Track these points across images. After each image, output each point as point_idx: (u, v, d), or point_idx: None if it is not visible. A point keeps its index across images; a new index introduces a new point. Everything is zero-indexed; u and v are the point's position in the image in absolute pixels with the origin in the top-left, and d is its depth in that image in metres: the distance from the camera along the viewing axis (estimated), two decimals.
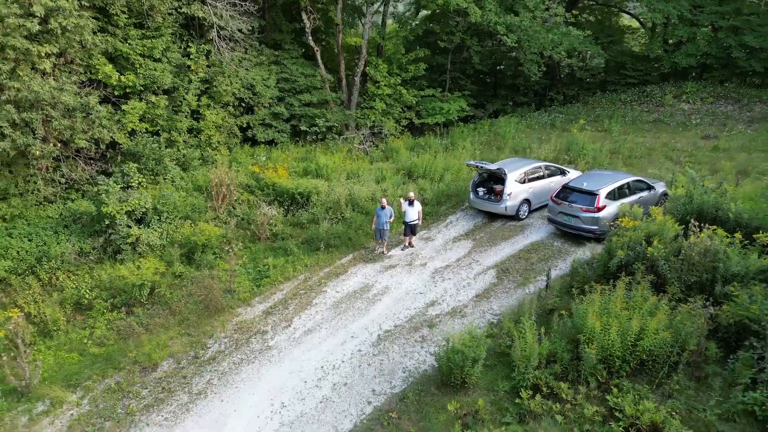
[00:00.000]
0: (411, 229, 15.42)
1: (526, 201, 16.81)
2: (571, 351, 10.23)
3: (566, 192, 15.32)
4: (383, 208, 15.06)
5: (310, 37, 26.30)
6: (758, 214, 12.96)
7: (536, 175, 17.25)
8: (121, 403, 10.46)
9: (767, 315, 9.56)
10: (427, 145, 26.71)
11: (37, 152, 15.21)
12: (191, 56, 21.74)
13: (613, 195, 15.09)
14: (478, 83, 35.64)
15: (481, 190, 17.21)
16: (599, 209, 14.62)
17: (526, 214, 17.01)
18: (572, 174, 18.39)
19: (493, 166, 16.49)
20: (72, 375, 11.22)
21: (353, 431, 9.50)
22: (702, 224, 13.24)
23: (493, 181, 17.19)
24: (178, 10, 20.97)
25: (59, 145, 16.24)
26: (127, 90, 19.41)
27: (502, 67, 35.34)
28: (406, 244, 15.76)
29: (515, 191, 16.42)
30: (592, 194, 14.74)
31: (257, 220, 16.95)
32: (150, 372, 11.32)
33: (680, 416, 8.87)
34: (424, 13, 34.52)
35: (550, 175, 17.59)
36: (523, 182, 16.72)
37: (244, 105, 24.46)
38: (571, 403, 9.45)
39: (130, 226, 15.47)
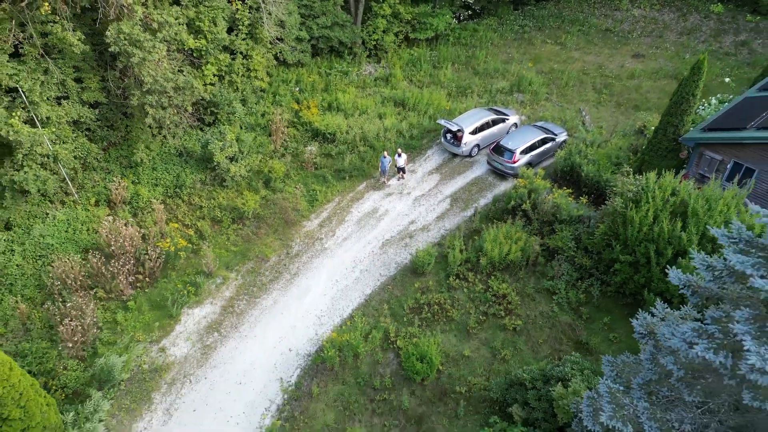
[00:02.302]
0: (401, 170, 25.09)
1: (477, 145, 26.18)
2: (476, 257, 20.96)
3: (498, 148, 24.74)
4: (385, 157, 24.57)
5: None
6: (600, 174, 22.67)
7: (485, 126, 26.25)
8: (257, 279, 21.48)
9: (567, 245, 20.13)
10: (419, 61, 34.49)
11: (168, 121, 24.15)
12: (238, 11, 28.74)
13: (527, 150, 24.54)
14: None
15: (448, 136, 26.40)
16: (515, 161, 24.21)
17: (476, 153, 26.49)
18: (512, 119, 27.34)
19: (454, 127, 25.48)
20: (227, 263, 22.08)
21: (371, 294, 20.62)
22: (571, 177, 23.13)
23: (457, 130, 26.27)
24: None
25: (176, 111, 25.01)
26: (201, 52, 27.17)
27: None
28: (400, 176, 25.53)
29: (469, 140, 25.70)
30: (512, 151, 24.20)
31: (304, 155, 26.47)
32: (266, 262, 22.18)
33: (517, 290, 19.94)
34: None
35: (494, 124, 26.58)
36: (475, 133, 25.87)
37: (278, 39, 31.78)
38: (472, 283, 20.44)
39: (227, 163, 25.09)
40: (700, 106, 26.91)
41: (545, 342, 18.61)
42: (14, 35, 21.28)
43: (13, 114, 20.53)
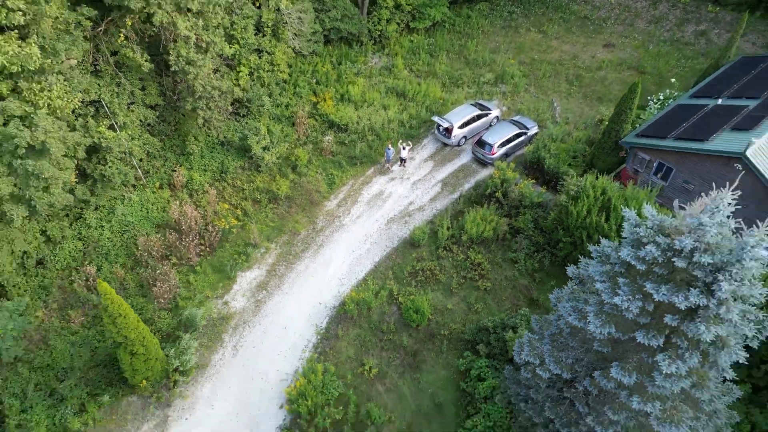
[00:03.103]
0: (403, 159, 31.09)
1: (464, 137, 32.06)
2: (459, 233, 27.45)
3: (480, 142, 30.67)
4: (389, 148, 30.53)
5: None
6: (559, 166, 28.75)
7: (471, 120, 31.98)
8: (292, 249, 28.05)
9: (527, 226, 26.58)
10: (418, 50, 39.56)
11: (215, 121, 29.91)
12: (262, 15, 33.68)
13: (503, 144, 30.49)
14: None
15: (441, 128, 32.20)
16: (493, 153, 30.22)
17: (464, 142, 32.40)
18: (494, 112, 33.02)
19: (446, 123, 31.23)
20: (268, 236, 28.58)
21: (379, 262, 27.27)
22: (537, 167, 29.23)
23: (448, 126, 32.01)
24: None
25: (219, 111, 30.69)
26: (235, 55, 32.42)
27: None
28: (401, 163, 31.53)
29: (458, 133, 31.57)
30: (491, 145, 30.16)
31: (323, 143, 32.37)
32: (297, 235, 28.68)
33: (489, 260, 26.59)
34: None
35: (479, 118, 32.30)
36: (462, 127, 31.68)
37: (295, 35, 36.77)
38: (455, 254, 27.06)
39: (262, 152, 31.07)
40: (650, 102, 32.55)
41: (507, 299, 25.46)
42: (93, 56, 26.78)
43: (100, 123, 26.38)
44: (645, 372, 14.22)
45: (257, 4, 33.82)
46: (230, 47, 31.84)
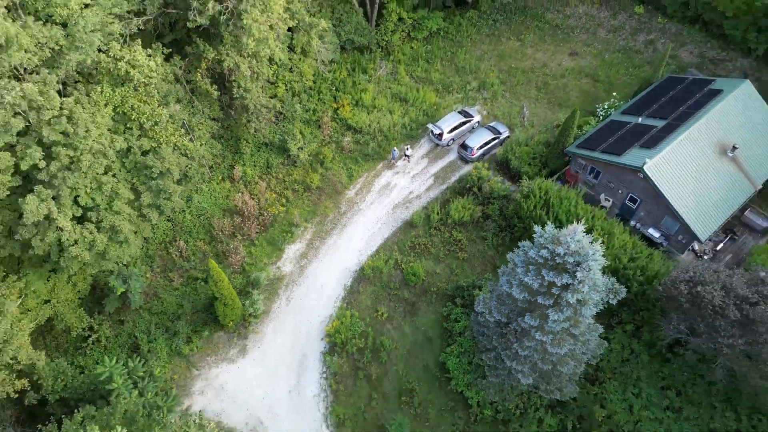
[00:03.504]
0: (407, 156, 40.84)
1: (452, 139, 41.70)
2: (446, 217, 37.71)
3: (464, 145, 40.39)
4: (395, 149, 40.27)
5: None
6: (521, 166, 38.63)
7: (458, 126, 41.46)
8: (324, 228, 38.42)
9: (495, 213, 36.87)
10: (417, 57, 48.44)
11: (264, 130, 39.48)
12: (293, 40, 42.47)
13: (482, 146, 40.21)
14: None
15: (434, 133, 41.74)
16: (473, 155, 40.01)
17: (452, 143, 42.05)
18: (476, 117, 42.49)
19: (437, 129, 40.75)
20: (306, 218, 38.85)
21: (388, 238, 37.65)
22: (506, 165, 39.32)
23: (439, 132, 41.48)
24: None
25: (266, 121, 40.18)
26: (274, 74, 41.47)
27: None
28: (404, 159, 41.28)
29: (447, 136, 41.19)
30: (471, 148, 39.90)
31: (342, 143, 42.05)
32: (327, 217, 38.95)
33: (467, 237, 37.06)
34: None
35: (463, 124, 41.78)
36: (451, 131, 41.24)
37: (319, 51, 45.58)
38: (443, 232, 37.46)
39: (297, 151, 40.82)
40: (598, 109, 41.93)
41: (478, 266, 36.06)
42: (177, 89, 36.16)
43: (184, 138, 36.07)
44: (543, 318, 24.92)
45: (287, 27, 42.59)
46: (270, 68, 40.97)
